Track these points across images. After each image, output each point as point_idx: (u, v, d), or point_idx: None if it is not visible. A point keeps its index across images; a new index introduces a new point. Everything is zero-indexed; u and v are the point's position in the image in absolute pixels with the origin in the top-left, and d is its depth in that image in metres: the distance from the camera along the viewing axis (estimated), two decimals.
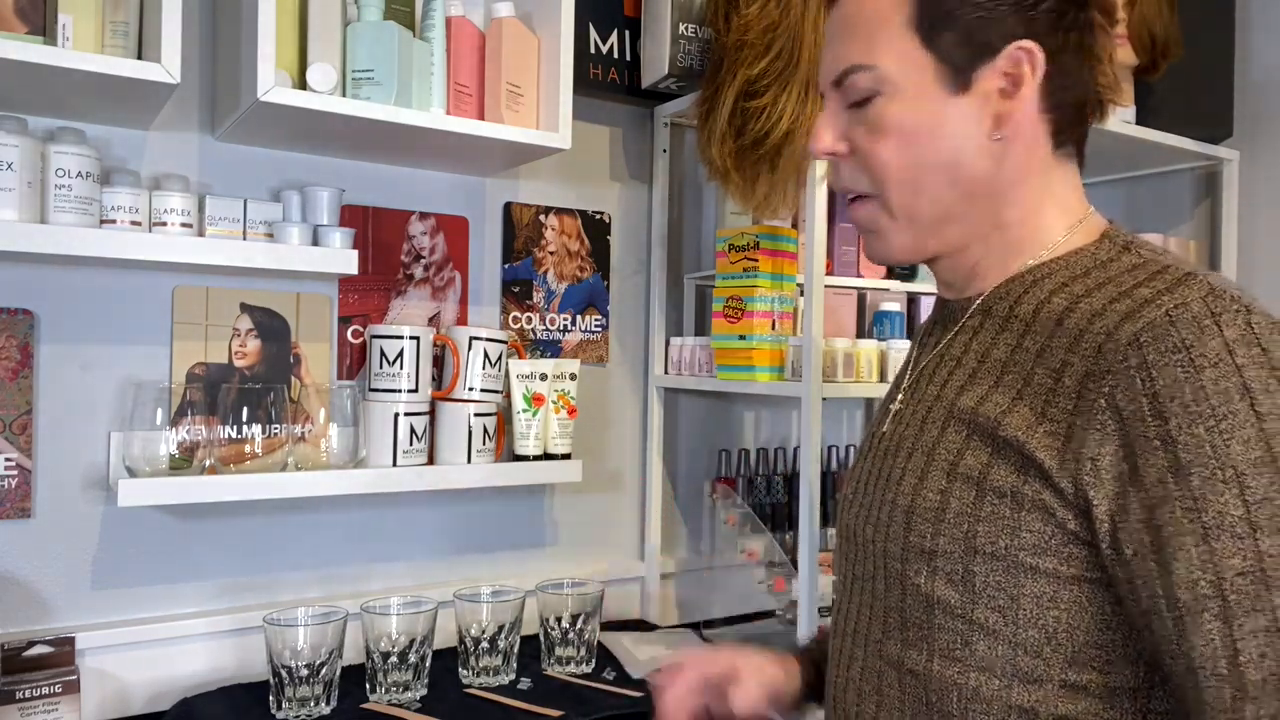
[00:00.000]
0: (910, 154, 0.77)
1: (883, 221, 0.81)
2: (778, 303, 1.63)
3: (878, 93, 0.78)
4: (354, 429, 1.44)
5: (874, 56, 0.78)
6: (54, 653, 1.29)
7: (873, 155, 0.79)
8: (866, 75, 0.78)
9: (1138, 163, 2.10)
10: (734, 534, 1.84)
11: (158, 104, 1.29)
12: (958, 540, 0.72)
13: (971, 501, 0.72)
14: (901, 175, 0.78)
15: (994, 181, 0.78)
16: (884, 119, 0.77)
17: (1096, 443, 0.66)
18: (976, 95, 0.76)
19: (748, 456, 1.93)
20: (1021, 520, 0.69)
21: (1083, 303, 0.71)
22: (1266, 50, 2.05)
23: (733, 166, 1.56)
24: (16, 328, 1.33)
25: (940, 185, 0.78)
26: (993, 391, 0.74)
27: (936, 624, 0.74)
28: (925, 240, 0.80)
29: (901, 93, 0.77)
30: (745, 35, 1.51)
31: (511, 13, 1.50)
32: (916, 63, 0.76)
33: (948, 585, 0.73)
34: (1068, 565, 0.69)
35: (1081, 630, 0.69)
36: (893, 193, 0.79)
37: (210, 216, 1.36)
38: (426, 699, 1.39)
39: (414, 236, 1.63)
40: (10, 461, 1.33)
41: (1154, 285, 0.69)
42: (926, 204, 0.78)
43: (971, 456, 0.73)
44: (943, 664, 0.73)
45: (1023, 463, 0.70)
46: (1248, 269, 2.06)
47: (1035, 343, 0.73)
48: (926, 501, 0.75)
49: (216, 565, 1.48)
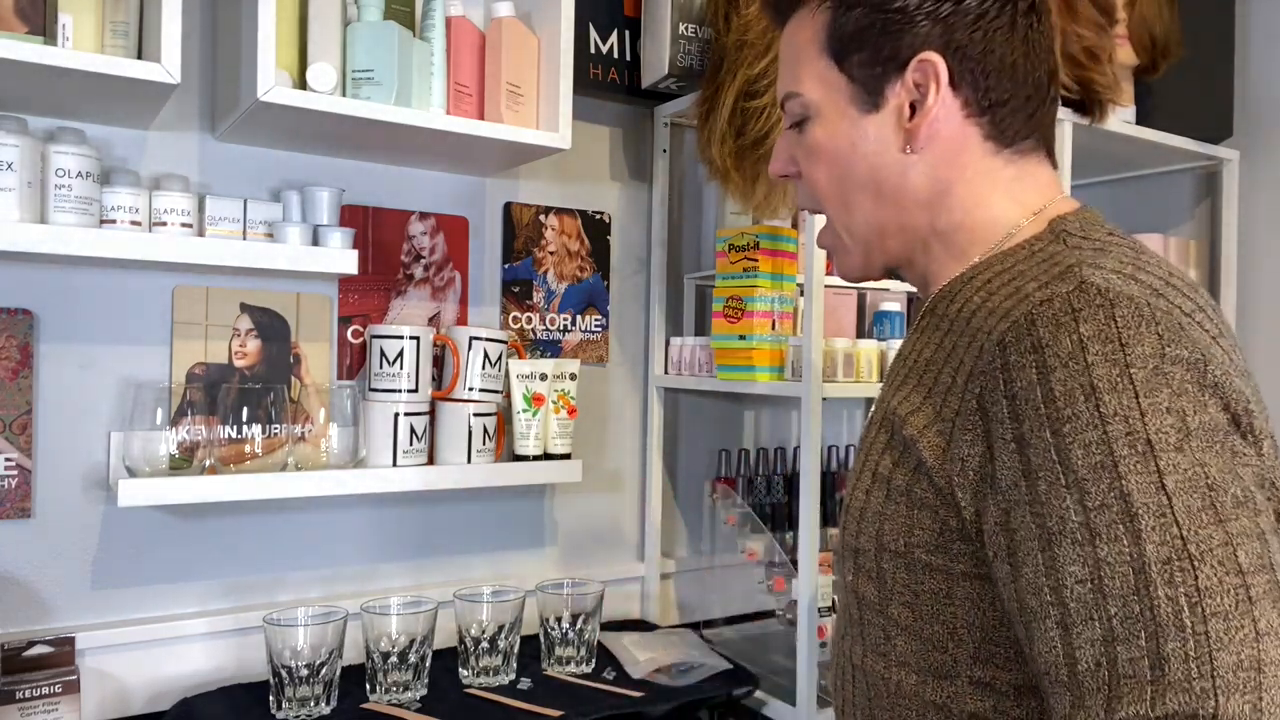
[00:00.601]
0: (836, 173, 0.80)
1: (839, 240, 0.84)
2: (778, 303, 1.63)
3: (807, 117, 0.81)
4: (354, 429, 1.44)
5: (799, 84, 0.81)
6: (54, 653, 1.29)
7: (808, 177, 0.82)
8: (796, 101, 0.81)
9: (1138, 163, 2.10)
10: (734, 534, 1.84)
11: (158, 104, 1.29)
12: (871, 538, 0.74)
13: (881, 501, 0.73)
14: (831, 194, 0.81)
15: (920, 193, 0.78)
16: (814, 142, 0.80)
17: (968, 443, 0.66)
18: (889, 112, 0.77)
19: (748, 456, 1.93)
20: (915, 518, 0.70)
21: (990, 300, 0.70)
22: (1266, 50, 2.05)
23: (733, 166, 1.56)
24: (16, 328, 1.33)
25: (867, 202, 0.80)
26: (913, 392, 0.73)
27: (866, 620, 0.75)
28: (871, 256, 0.82)
29: (824, 116, 0.79)
30: (745, 35, 1.51)
31: (511, 13, 1.50)
32: (833, 85, 0.79)
33: (868, 582, 0.74)
34: (956, 562, 0.68)
35: (978, 628, 0.68)
36: (830, 211, 0.82)
37: (210, 216, 1.36)
38: (426, 699, 1.39)
39: (414, 236, 1.63)
40: (10, 461, 1.33)
41: (1039, 280, 0.67)
42: (860, 221, 0.81)
43: (886, 457, 0.74)
44: (873, 659, 0.75)
45: (915, 462, 0.70)
46: (1248, 269, 2.06)
47: (950, 341, 0.72)
48: (856, 502, 0.77)
49: (216, 565, 1.48)
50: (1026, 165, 0.79)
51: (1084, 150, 1.81)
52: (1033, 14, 0.76)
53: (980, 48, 0.74)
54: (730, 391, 1.73)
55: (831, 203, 0.82)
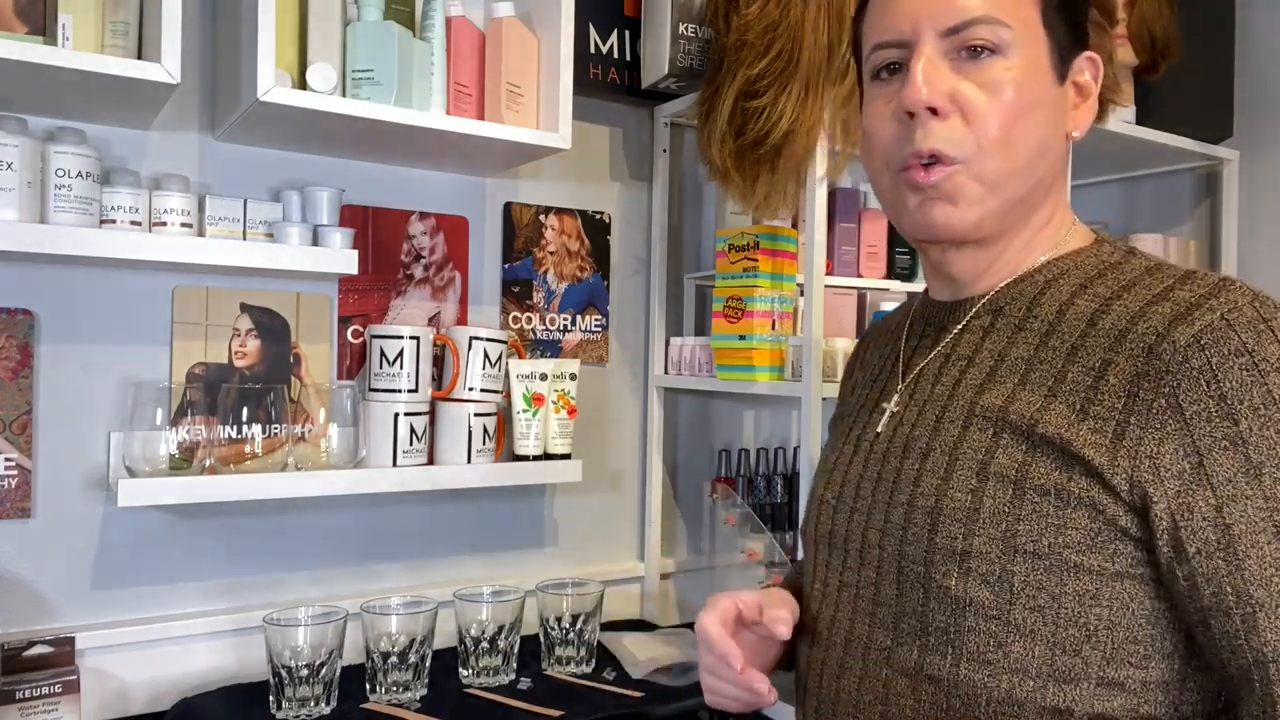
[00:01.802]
0: (1018, 124, 0.75)
1: (968, 188, 0.76)
2: (778, 303, 1.63)
3: (998, 52, 0.75)
4: (354, 429, 1.44)
5: (1008, 14, 0.75)
6: (54, 653, 1.29)
7: (988, 115, 0.74)
8: (995, 30, 0.74)
9: (1138, 163, 2.10)
10: (734, 534, 1.84)
11: (158, 104, 1.29)
12: (995, 540, 0.70)
13: (1009, 500, 0.71)
14: (1007, 140, 0.75)
15: (1054, 176, 0.79)
16: (1005, 82, 0.74)
17: (1155, 441, 0.66)
18: (1068, 89, 0.78)
19: (748, 456, 1.93)
20: (1067, 518, 0.68)
21: (1116, 304, 0.72)
22: (1266, 50, 2.05)
23: (733, 166, 1.56)
24: (16, 328, 1.33)
25: (1028, 166, 0.76)
26: (1020, 390, 0.73)
27: (967, 626, 0.71)
28: (991, 218, 0.78)
29: (1020, 62, 0.75)
30: (745, 35, 1.51)
31: (511, 13, 1.50)
32: (1036, 37, 0.76)
33: (982, 586, 0.71)
34: (1113, 562, 0.68)
35: (1122, 627, 0.69)
36: (993, 158, 0.75)
37: (210, 216, 1.36)
38: (426, 699, 1.39)
39: (414, 236, 1.63)
40: (10, 461, 1.33)
41: (1192, 288, 0.70)
42: (1014, 181, 0.76)
43: (1004, 455, 0.72)
44: (970, 668, 0.71)
45: (1066, 460, 0.69)
46: (1248, 269, 2.06)
47: (1064, 342, 0.73)
48: (954, 502, 0.73)
49: (216, 565, 1.48)
50: None
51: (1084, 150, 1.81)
52: None
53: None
54: (730, 391, 1.73)
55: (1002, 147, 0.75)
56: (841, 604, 0.82)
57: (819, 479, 0.91)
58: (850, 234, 1.84)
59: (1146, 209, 2.20)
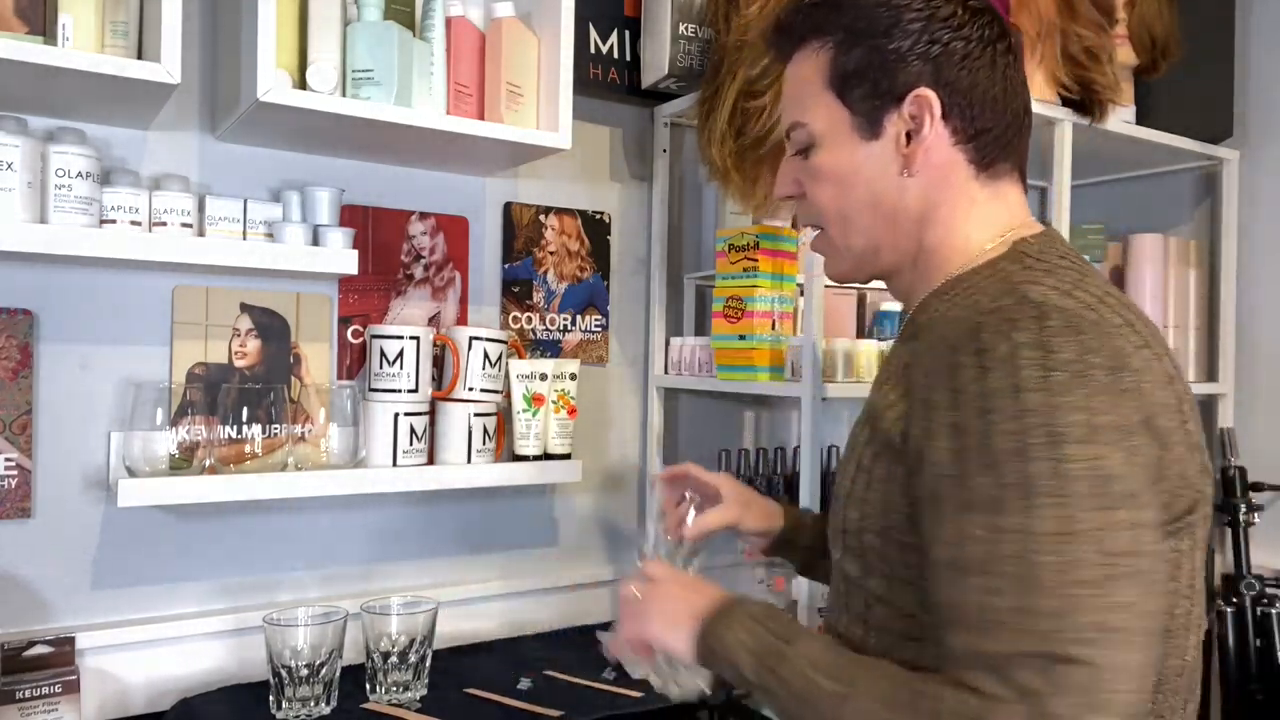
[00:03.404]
0: (839, 196, 0.89)
1: (830, 248, 0.94)
2: (778, 303, 1.63)
3: (812, 145, 0.90)
4: (354, 429, 1.44)
5: (805, 114, 0.90)
6: (54, 653, 1.29)
7: (813, 198, 0.91)
8: (802, 131, 0.90)
9: (1138, 163, 2.09)
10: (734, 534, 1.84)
11: (158, 104, 1.29)
12: (854, 520, 0.84)
13: (863, 487, 0.83)
14: (835, 214, 0.90)
15: (913, 211, 0.87)
16: (818, 167, 0.90)
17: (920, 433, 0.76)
18: (888, 139, 0.86)
19: (748, 456, 1.93)
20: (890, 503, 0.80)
21: (951, 310, 0.82)
22: (1266, 50, 2.05)
23: (733, 166, 1.56)
24: (16, 328, 1.33)
25: (866, 220, 0.89)
26: (890, 390, 0.83)
27: (850, 592, 0.86)
28: (862, 266, 0.93)
29: (828, 144, 0.89)
30: (745, 35, 1.51)
31: (511, 13, 1.50)
32: (836, 116, 0.88)
33: (853, 560, 0.85)
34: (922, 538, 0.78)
35: None
36: (831, 229, 0.92)
37: (210, 216, 1.36)
38: (426, 699, 1.39)
39: (414, 236, 1.63)
40: (10, 461, 1.33)
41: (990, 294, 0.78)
42: (858, 237, 0.90)
43: (867, 449, 0.83)
44: (856, 627, 0.85)
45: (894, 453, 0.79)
46: (1248, 269, 2.06)
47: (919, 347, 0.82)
48: (844, 489, 0.87)
49: (216, 565, 1.48)
50: (1000, 187, 0.88)
51: (1084, 150, 1.81)
52: (1009, 54, 0.88)
53: (966, 83, 0.85)
54: (730, 391, 1.73)
55: (833, 221, 0.91)
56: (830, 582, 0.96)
57: None
58: None
59: (1146, 209, 2.20)
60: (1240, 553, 1.90)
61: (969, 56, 0.84)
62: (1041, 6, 1.61)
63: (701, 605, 0.88)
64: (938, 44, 0.84)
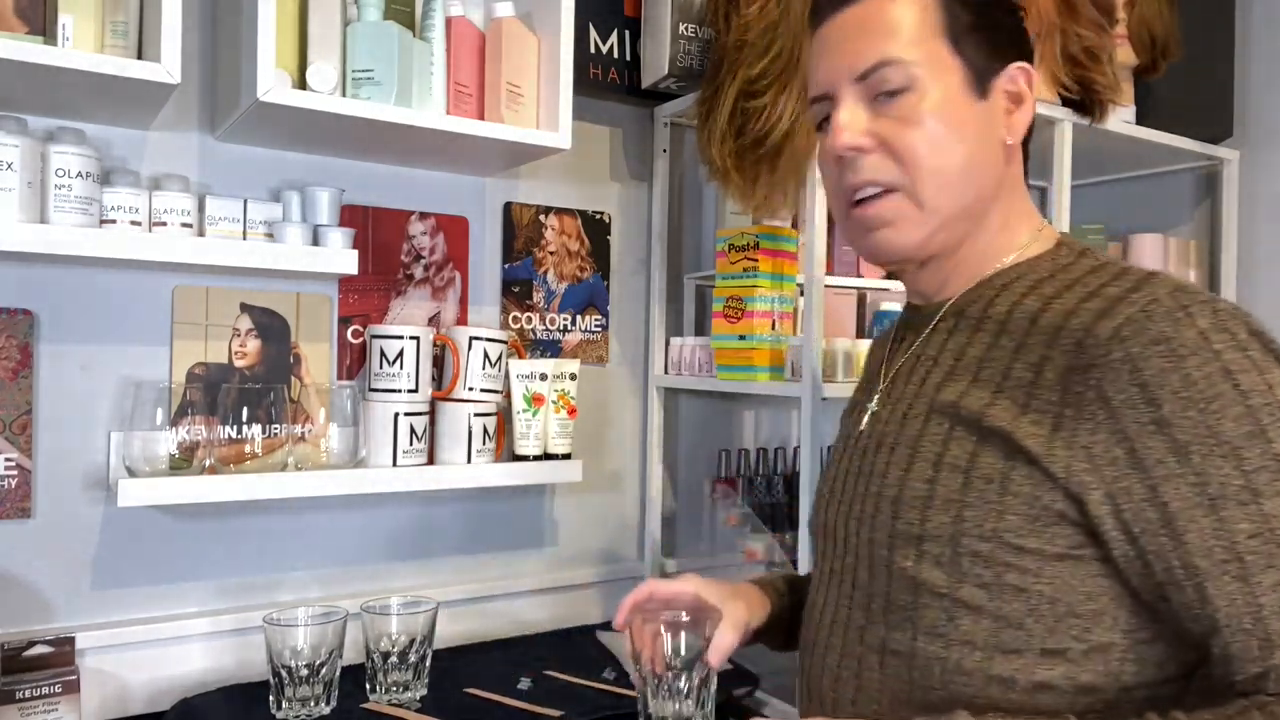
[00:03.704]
0: (940, 150, 0.81)
1: (906, 213, 0.83)
2: (778, 303, 1.63)
3: (908, 89, 0.81)
4: (354, 429, 1.44)
5: (908, 53, 0.81)
6: (54, 653, 1.29)
7: (908, 147, 0.81)
8: (900, 70, 0.81)
9: (1138, 163, 2.09)
10: (734, 534, 1.84)
11: (158, 104, 1.29)
12: (945, 524, 0.77)
13: (958, 488, 0.77)
14: (930, 169, 0.81)
15: (994, 187, 0.84)
16: (917, 113, 0.81)
17: (1089, 432, 0.72)
18: (993, 103, 0.83)
19: (748, 456, 1.93)
20: (1007, 504, 0.74)
21: (1055, 303, 0.78)
22: (1266, 50, 2.05)
23: (733, 166, 1.56)
24: (16, 328, 1.33)
25: (961, 182, 0.82)
26: (972, 386, 0.79)
27: (922, 604, 0.78)
28: (935, 235, 0.84)
29: (931, 91, 0.81)
30: (745, 35, 1.51)
31: (511, 13, 1.50)
32: (946, 65, 0.82)
33: (935, 567, 0.77)
34: (1052, 544, 0.74)
35: (1062, 603, 0.74)
36: (924, 183, 0.81)
37: (210, 216, 1.36)
38: (426, 699, 1.39)
39: (414, 236, 1.63)
40: (10, 461, 1.33)
41: (1121, 284, 0.75)
42: (949, 198, 0.82)
43: (956, 446, 0.78)
44: (925, 641, 0.78)
45: (1009, 451, 0.75)
46: (1248, 269, 2.06)
47: (1011, 341, 0.79)
48: (913, 490, 0.80)
49: (216, 565, 1.48)
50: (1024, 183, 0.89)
51: (1084, 150, 1.81)
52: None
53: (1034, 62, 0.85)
54: (730, 391, 1.73)
55: (929, 173, 0.81)
56: (830, 589, 0.90)
57: (822, 475, 0.99)
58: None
59: (1146, 209, 2.20)
60: None
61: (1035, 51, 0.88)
62: (1041, 6, 1.61)
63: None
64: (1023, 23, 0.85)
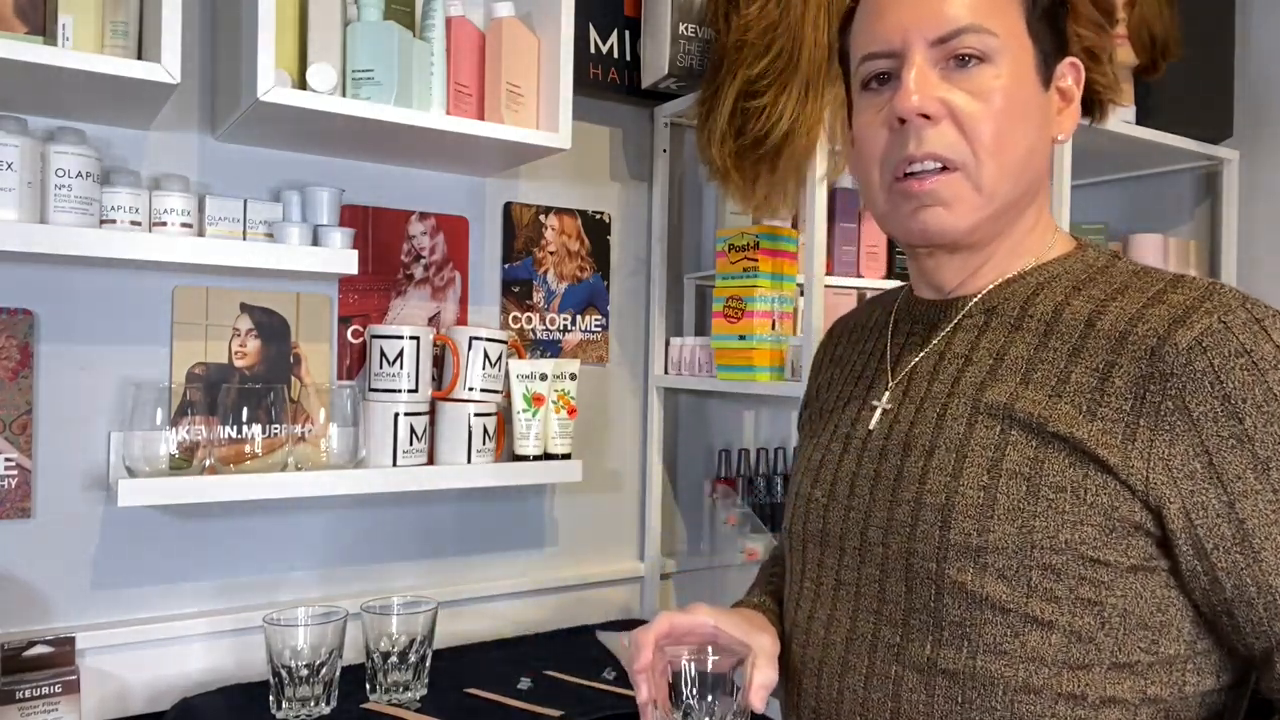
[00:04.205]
0: (1009, 132, 0.76)
1: (963, 195, 0.77)
2: (778, 303, 1.63)
3: (986, 59, 0.76)
4: (354, 429, 1.44)
5: (994, 23, 0.76)
6: (54, 653, 1.29)
7: (980, 121, 0.76)
8: (984, 39, 0.76)
9: (1138, 163, 2.09)
10: (734, 534, 1.84)
11: (158, 104, 1.29)
12: (1011, 535, 0.72)
13: (1024, 497, 0.72)
14: (1000, 148, 0.76)
15: (1040, 182, 0.81)
16: (994, 89, 0.76)
17: (1166, 443, 0.69)
18: (1052, 94, 0.81)
19: (748, 456, 1.93)
20: (1083, 514, 0.70)
21: (1111, 306, 0.75)
22: (1266, 50, 2.05)
23: (733, 166, 1.56)
24: (16, 328, 1.33)
25: (1019, 172, 0.78)
26: (1023, 389, 0.75)
27: (983, 619, 0.72)
28: (985, 223, 0.79)
29: (1006, 69, 0.76)
30: (745, 35, 1.51)
31: (511, 13, 1.50)
32: (1022, 45, 0.78)
33: (999, 580, 0.72)
34: (1127, 556, 0.71)
35: (1134, 615, 0.71)
36: (987, 166, 0.76)
37: (210, 216, 1.36)
38: (426, 699, 1.39)
39: (414, 236, 1.63)
40: (10, 461, 1.33)
41: (1184, 292, 0.73)
42: (1007, 186, 0.78)
43: (1015, 452, 0.73)
44: (987, 659, 0.72)
45: (1079, 458, 0.71)
46: (1248, 269, 2.06)
47: (1064, 343, 0.75)
48: (967, 499, 0.74)
49: (216, 565, 1.48)
50: None
51: (1084, 150, 1.81)
52: None
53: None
54: (730, 391, 1.73)
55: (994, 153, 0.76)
56: (840, 602, 0.83)
57: (803, 477, 0.91)
58: (850, 234, 1.84)
59: (1146, 209, 2.20)
60: None
61: None
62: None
63: None
64: None
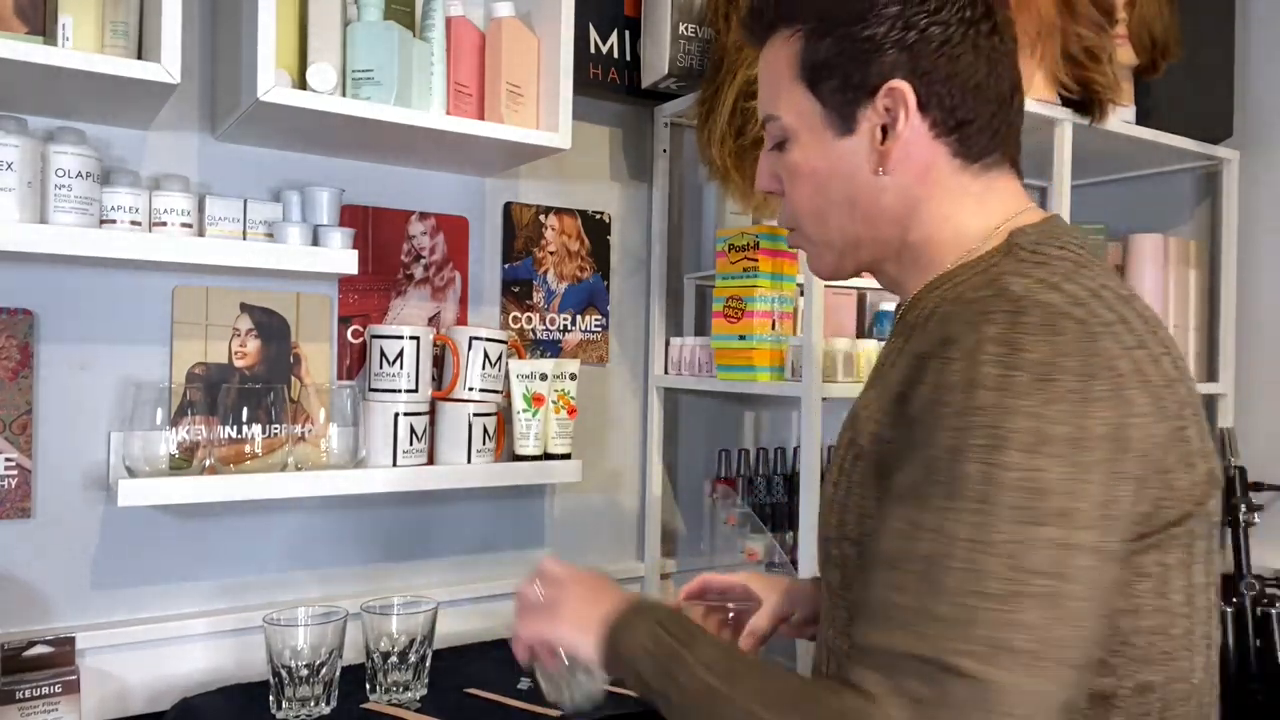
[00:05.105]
0: (814, 194, 0.84)
1: (809, 246, 0.89)
2: (778, 303, 1.63)
3: (789, 139, 0.84)
4: (354, 429, 1.44)
5: (777, 107, 0.85)
6: (54, 653, 1.29)
7: (789, 196, 0.87)
8: (775, 124, 0.85)
9: (1138, 163, 2.09)
10: (734, 534, 1.84)
11: (158, 104, 1.29)
12: (833, 528, 0.81)
13: (843, 493, 0.80)
14: (809, 210, 0.85)
15: (892, 210, 0.82)
16: (792, 163, 0.84)
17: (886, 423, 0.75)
18: (862, 135, 0.81)
19: (748, 456, 1.93)
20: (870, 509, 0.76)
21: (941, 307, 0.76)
22: (1266, 50, 2.05)
23: (733, 166, 1.56)
24: (16, 328, 1.33)
25: (844, 218, 0.84)
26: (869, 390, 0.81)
27: (831, 604, 0.83)
28: (843, 261, 0.87)
29: (801, 139, 0.83)
30: None
31: (511, 13, 1.50)
32: (808, 110, 0.82)
33: (834, 569, 0.81)
34: None
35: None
36: (805, 226, 0.87)
37: (210, 216, 1.36)
38: (426, 699, 1.39)
39: (414, 236, 1.63)
40: (10, 461, 1.33)
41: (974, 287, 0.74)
42: (835, 233, 0.85)
43: (849, 452, 0.80)
44: (839, 640, 0.81)
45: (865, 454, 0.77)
46: (1248, 269, 2.06)
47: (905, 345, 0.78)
48: (826, 496, 0.84)
49: (216, 565, 1.48)
50: (993, 179, 0.82)
51: (1084, 150, 1.81)
52: (995, 34, 0.80)
53: (945, 71, 0.78)
54: (730, 391, 1.73)
55: (807, 217, 0.86)
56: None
57: None
58: None
59: (1146, 209, 2.20)
60: (1240, 553, 1.90)
61: (948, 42, 0.78)
62: (1041, 6, 1.61)
63: (608, 608, 0.82)
64: (914, 30, 0.77)
